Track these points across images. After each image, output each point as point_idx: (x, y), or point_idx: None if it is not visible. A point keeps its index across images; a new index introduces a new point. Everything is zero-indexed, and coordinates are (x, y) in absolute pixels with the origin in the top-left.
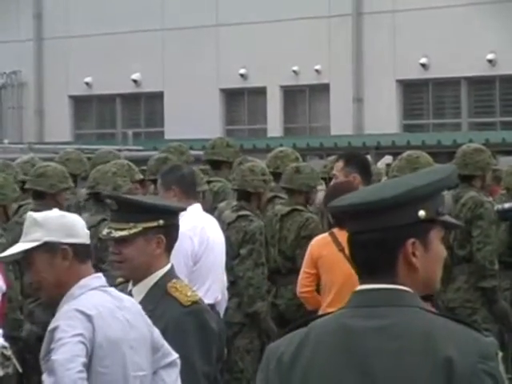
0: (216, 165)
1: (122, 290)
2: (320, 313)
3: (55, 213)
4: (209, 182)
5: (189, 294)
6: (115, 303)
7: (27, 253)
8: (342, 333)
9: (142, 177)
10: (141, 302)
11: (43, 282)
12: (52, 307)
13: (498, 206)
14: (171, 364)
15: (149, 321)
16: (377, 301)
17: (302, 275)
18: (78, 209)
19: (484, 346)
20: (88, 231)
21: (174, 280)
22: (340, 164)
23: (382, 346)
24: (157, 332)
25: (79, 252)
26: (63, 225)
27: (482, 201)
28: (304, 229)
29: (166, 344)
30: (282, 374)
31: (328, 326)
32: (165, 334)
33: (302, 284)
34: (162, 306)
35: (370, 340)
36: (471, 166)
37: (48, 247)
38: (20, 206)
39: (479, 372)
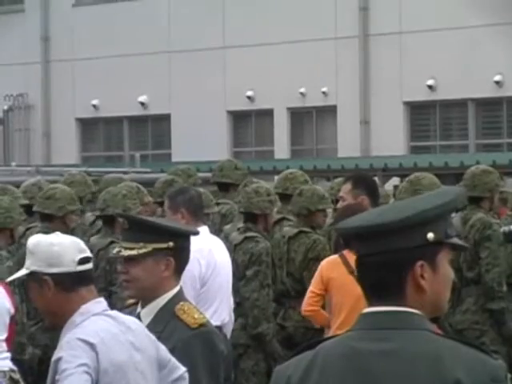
0: (224, 187)
1: (130, 313)
2: (330, 335)
3: (46, 240)
4: (217, 204)
5: (196, 316)
6: (119, 327)
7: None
8: (351, 356)
9: (150, 199)
10: (149, 325)
11: (39, 309)
12: (53, 330)
13: (505, 228)
14: (179, 379)
15: (153, 338)
16: (385, 323)
17: (308, 294)
18: (83, 231)
19: (493, 369)
20: (85, 255)
21: (181, 302)
22: (348, 186)
23: (391, 370)
24: (163, 348)
25: (63, 281)
26: (49, 253)
27: (491, 222)
28: (311, 251)
29: (173, 359)
30: None
31: (336, 349)
32: (172, 355)
33: (307, 303)
34: (170, 328)
35: (379, 363)
36: (480, 187)
37: (34, 277)
38: (27, 229)
39: None
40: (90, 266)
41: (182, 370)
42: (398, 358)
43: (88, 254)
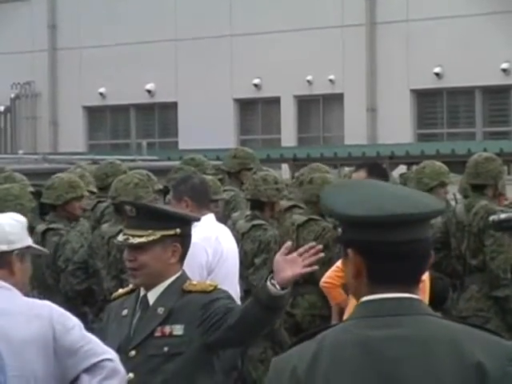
0: (228, 174)
1: (122, 303)
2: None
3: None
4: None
5: (207, 283)
6: None
7: None
8: (363, 343)
9: (160, 187)
10: (156, 301)
11: None
12: None
13: (494, 217)
14: (93, 367)
15: (57, 328)
16: (393, 310)
17: (333, 267)
18: (96, 218)
19: (509, 349)
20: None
21: (187, 281)
22: (362, 174)
23: (408, 354)
24: (70, 338)
25: None
26: None
27: (495, 209)
28: (320, 238)
29: (89, 347)
30: None
31: (344, 337)
32: (194, 321)
33: (329, 276)
34: (182, 302)
35: (395, 349)
36: (483, 175)
37: None
38: (99, 202)
39: (510, 374)
40: None
41: (98, 358)
42: (415, 342)
43: None
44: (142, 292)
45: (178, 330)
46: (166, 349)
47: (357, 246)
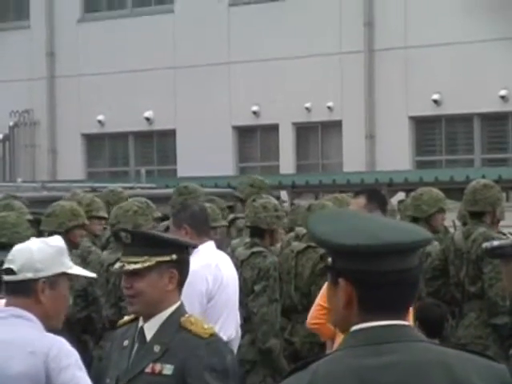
0: (241, 202)
1: (127, 331)
2: (334, 349)
3: None
4: (236, 219)
5: (205, 326)
6: None
7: None
8: (357, 372)
9: (159, 214)
10: (153, 337)
11: None
12: None
13: (487, 244)
14: None
15: (51, 364)
16: (385, 337)
17: (314, 307)
18: (102, 246)
19: (501, 372)
20: None
21: (186, 315)
22: (362, 200)
23: (404, 380)
24: (61, 377)
25: None
26: None
27: (493, 236)
28: (319, 265)
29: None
30: None
31: (337, 367)
32: (184, 367)
33: (313, 316)
34: (178, 339)
35: (389, 376)
36: (481, 202)
37: None
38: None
39: None
40: None
41: None
42: (408, 369)
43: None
44: (141, 323)
45: (168, 369)
46: None
47: (348, 276)
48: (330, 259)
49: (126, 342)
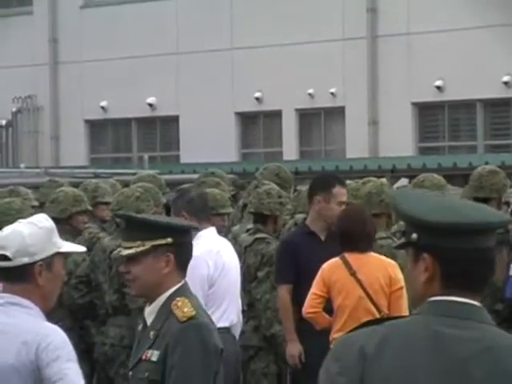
0: None
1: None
2: (333, 336)
3: None
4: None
5: (185, 309)
6: None
7: None
8: (439, 340)
9: (165, 200)
10: (152, 323)
11: None
12: None
13: None
14: None
15: (41, 355)
16: (466, 314)
17: (310, 296)
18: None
19: None
20: None
21: (178, 298)
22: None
23: (478, 355)
24: (49, 370)
25: None
26: None
27: None
28: None
29: (58, 370)
30: (367, 365)
31: (415, 329)
32: (167, 351)
33: (310, 305)
34: (167, 324)
35: (465, 349)
36: (487, 188)
37: None
38: None
39: None
40: None
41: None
42: (484, 346)
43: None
44: (146, 307)
45: (155, 355)
46: (146, 374)
47: (434, 251)
48: (414, 235)
49: (140, 327)
